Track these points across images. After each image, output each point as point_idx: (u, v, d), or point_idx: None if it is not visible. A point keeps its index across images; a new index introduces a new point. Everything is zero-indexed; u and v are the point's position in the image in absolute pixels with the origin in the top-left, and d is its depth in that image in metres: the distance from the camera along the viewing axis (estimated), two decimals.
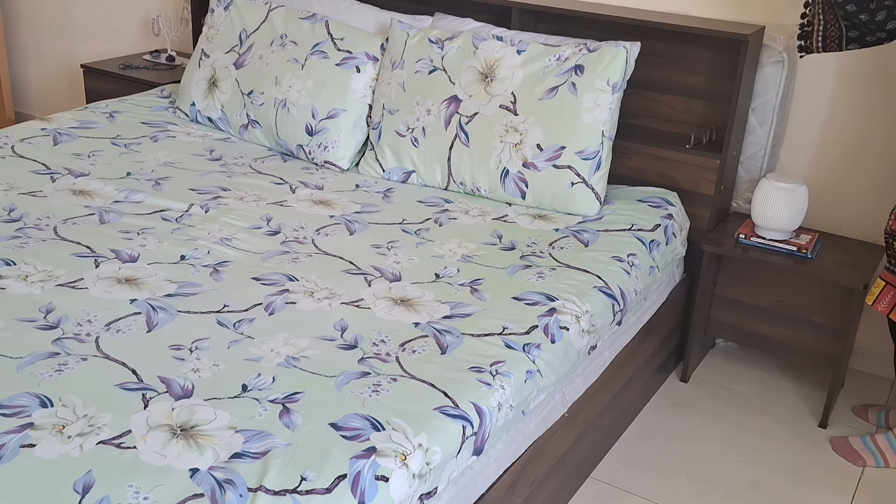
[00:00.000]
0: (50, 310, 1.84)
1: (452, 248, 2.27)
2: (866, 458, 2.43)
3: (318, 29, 2.89)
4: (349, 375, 1.68)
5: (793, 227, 2.56)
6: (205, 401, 1.57)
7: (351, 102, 2.81)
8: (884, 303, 2.31)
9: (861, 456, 2.43)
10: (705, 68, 2.73)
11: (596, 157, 2.51)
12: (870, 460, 2.43)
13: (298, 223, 2.35)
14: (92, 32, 4.24)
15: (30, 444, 1.44)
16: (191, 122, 3.09)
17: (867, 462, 2.43)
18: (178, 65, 3.73)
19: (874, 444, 2.44)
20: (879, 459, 2.42)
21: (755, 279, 2.71)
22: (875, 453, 2.43)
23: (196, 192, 2.49)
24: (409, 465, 1.48)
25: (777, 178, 2.57)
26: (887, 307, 2.31)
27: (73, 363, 1.66)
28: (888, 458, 2.42)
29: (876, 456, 2.43)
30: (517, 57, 2.59)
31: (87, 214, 2.31)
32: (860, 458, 2.43)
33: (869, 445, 2.45)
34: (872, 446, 2.44)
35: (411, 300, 1.99)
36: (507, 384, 1.74)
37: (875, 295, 2.33)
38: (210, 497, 1.35)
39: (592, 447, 2.31)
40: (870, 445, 2.45)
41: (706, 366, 2.90)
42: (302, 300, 1.95)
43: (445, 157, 2.62)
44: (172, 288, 1.96)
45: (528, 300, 2.02)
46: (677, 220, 2.59)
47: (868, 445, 2.45)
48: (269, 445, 1.46)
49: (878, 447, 2.43)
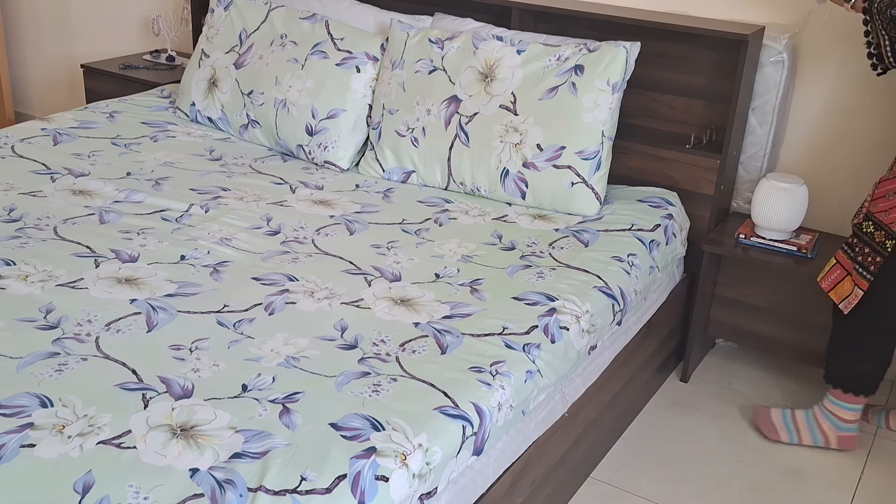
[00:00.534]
0: (50, 310, 1.84)
1: (452, 248, 2.27)
2: (782, 433, 2.47)
3: (318, 29, 2.89)
4: (349, 375, 1.68)
5: (793, 227, 2.56)
6: (205, 401, 1.57)
7: (351, 102, 2.81)
8: (829, 280, 2.32)
9: (777, 430, 2.47)
10: (705, 68, 2.73)
11: (596, 157, 2.51)
12: (784, 436, 2.46)
13: (298, 223, 2.35)
14: (92, 32, 4.24)
15: (30, 444, 1.44)
16: (191, 122, 3.09)
17: (782, 437, 2.46)
18: (178, 65, 3.73)
19: (792, 421, 2.47)
20: (794, 436, 2.46)
21: (755, 279, 2.71)
22: (791, 429, 2.46)
23: (196, 192, 2.49)
24: (409, 465, 1.48)
25: (777, 178, 2.57)
26: (830, 285, 2.31)
27: (73, 363, 1.66)
28: (802, 436, 2.45)
29: (791, 432, 2.46)
30: (517, 57, 2.59)
31: (87, 214, 2.31)
32: (776, 432, 2.47)
33: (787, 421, 2.48)
34: (790, 422, 2.47)
35: (411, 300, 1.99)
36: (507, 384, 1.74)
37: (824, 272, 2.35)
38: (210, 497, 1.35)
39: (592, 447, 2.31)
40: (788, 421, 2.47)
41: (706, 366, 2.90)
42: (302, 300, 1.95)
43: (445, 157, 2.62)
44: (172, 288, 1.96)
45: (528, 300, 2.02)
46: (677, 220, 2.59)
47: (786, 421, 2.48)
48: (269, 445, 1.46)
49: (795, 424, 2.46)
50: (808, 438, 2.45)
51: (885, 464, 2.48)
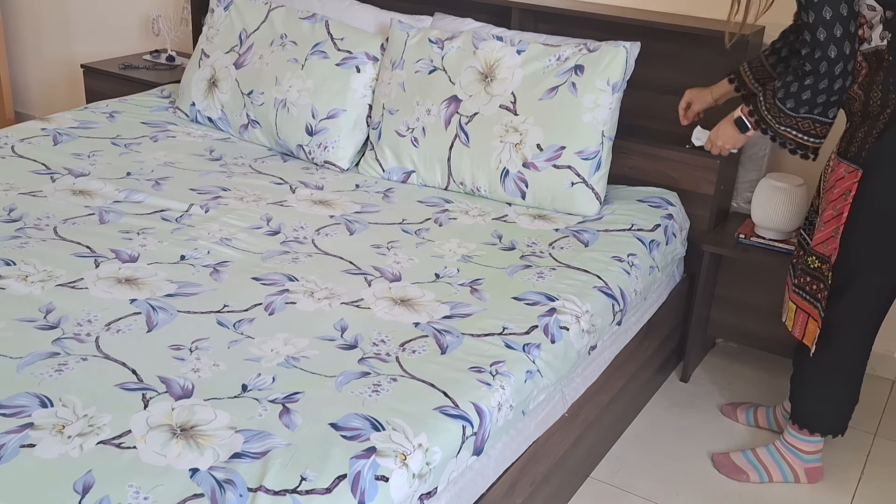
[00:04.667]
0: (50, 310, 1.84)
1: (452, 248, 2.27)
2: (750, 473, 2.36)
3: (318, 29, 2.89)
4: (349, 375, 1.68)
5: (792, 227, 2.56)
6: (205, 401, 1.57)
7: (351, 102, 2.81)
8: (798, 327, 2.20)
9: (744, 471, 2.36)
10: (705, 68, 2.73)
11: (596, 157, 2.51)
12: (753, 475, 2.35)
13: (298, 223, 2.35)
14: (92, 32, 4.24)
15: (30, 444, 1.44)
16: (191, 122, 3.09)
17: (751, 477, 2.35)
18: (178, 65, 3.74)
19: (756, 459, 2.37)
20: (763, 474, 2.35)
21: (755, 279, 2.71)
22: (758, 468, 2.36)
23: (196, 192, 2.49)
24: (409, 465, 1.48)
25: (777, 178, 2.57)
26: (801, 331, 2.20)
27: (73, 363, 1.66)
28: (771, 473, 2.35)
29: (759, 471, 2.36)
30: (517, 57, 2.59)
31: (87, 214, 2.31)
32: (744, 474, 2.36)
33: (751, 460, 2.38)
34: (755, 461, 2.37)
35: (411, 300, 1.99)
36: (507, 384, 1.74)
37: (791, 319, 2.23)
38: (210, 497, 1.35)
39: (592, 447, 2.31)
40: (752, 460, 2.37)
41: (706, 366, 2.90)
42: (302, 300, 1.95)
43: (445, 157, 2.62)
44: (172, 288, 1.96)
45: (528, 300, 2.02)
46: (677, 220, 2.59)
47: (750, 460, 2.38)
48: (269, 445, 1.46)
49: (760, 461, 2.37)
50: (777, 475, 2.34)
51: (885, 464, 2.48)
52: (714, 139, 2.32)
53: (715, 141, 2.31)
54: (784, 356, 2.78)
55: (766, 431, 2.56)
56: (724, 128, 2.28)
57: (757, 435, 2.55)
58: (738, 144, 2.30)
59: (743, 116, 2.21)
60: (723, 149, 2.32)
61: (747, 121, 2.20)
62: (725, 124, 2.27)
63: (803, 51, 2.01)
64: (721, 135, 2.29)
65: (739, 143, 2.29)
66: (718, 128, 2.30)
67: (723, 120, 2.30)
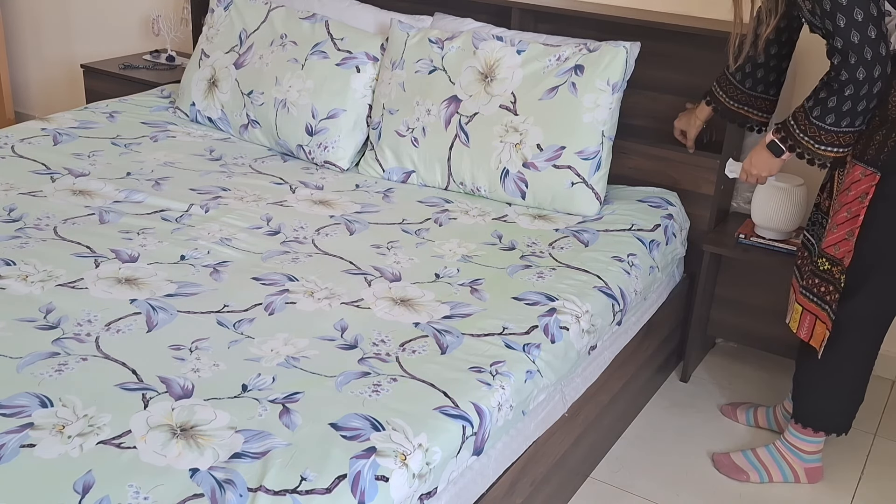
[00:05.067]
0: (50, 310, 1.84)
1: (452, 248, 2.27)
2: (750, 473, 2.35)
3: (318, 29, 2.89)
4: (349, 375, 1.68)
5: (792, 226, 2.57)
6: (205, 401, 1.57)
7: (351, 102, 2.81)
8: (804, 329, 2.19)
9: (745, 471, 2.36)
10: (705, 68, 2.72)
11: (596, 157, 2.51)
12: (753, 475, 2.35)
13: (298, 223, 2.35)
14: (92, 32, 4.24)
15: (30, 444, 1.44)
16: (191, 122, 3.09)
17: (751, 477, 2.35)
18: (178, 65, 3.73)
19: (756, 459, 2.37)
20: (763, 474, 2.35)
21: (755, 279, 2.71)
22: (758, 468, 2.35)
23: (196, 192, 2.49)
24: (409, 465, 1.48)
25: (777, 178, 2.57)
26: (807, 334, 2.18)
27: (73, 363, 1.66)
28: (771, 473, 2.35)
29: (759, 471, 2.35)
30: (517, 57, 2.59)
31: (87, 214, 2.31)
32: (744, 473, 2.36)
33: (751, 460, 2.37)
34: (755, 460, 2.37)
35: (411, 300, 1.99)
36: (507, 384, 1.74)
37: (796, 321, 2.21)
38: (210, 497, 1.35)
39: (592, 447, 2.31)
40: (752, 460, 2.37)
41: (706, 366, 2.90)
42: (302, 300, 1.95)
43: (445, 157, 2.62)
44: (172, 288, 1.97)
45: (528, 300, 2.02)
46: (677, 220, 2.59)
47: (750, 460, 2.37)
48: (269, 445, 1.46)
49: (760, 461, 2.36)
50: (777, 475, 2.34)
51: (885, 464, 2.48)
52: (748, 168, 2.24)
53: (749, 170, 2.24)
54: (784, 356, 2.78)
55: (766, 431, 2.57)
56: (757, 156, 2.20)
57: (757, 435, 2.55)
58: (774, 171, 2.21)
59: (776, 140, 2.14)
60: (759, 177, 2.24)
61: (781, 145, 2.13)
62: (758, 152, 2.20)
63: (834, 60, 1.97)
64: (755, 163, 2.21)
65: (776, 170, 2.20)
66: (751, 157, 2.22)
67: (754, 148, 2.23)
